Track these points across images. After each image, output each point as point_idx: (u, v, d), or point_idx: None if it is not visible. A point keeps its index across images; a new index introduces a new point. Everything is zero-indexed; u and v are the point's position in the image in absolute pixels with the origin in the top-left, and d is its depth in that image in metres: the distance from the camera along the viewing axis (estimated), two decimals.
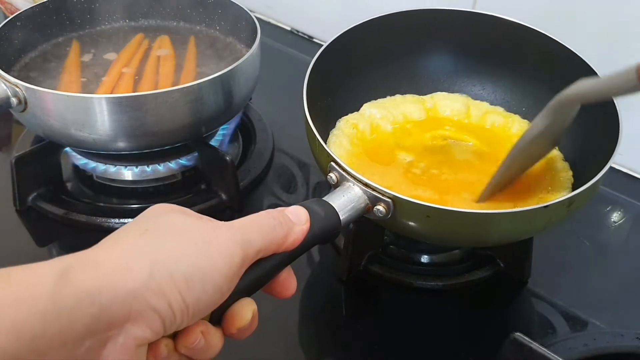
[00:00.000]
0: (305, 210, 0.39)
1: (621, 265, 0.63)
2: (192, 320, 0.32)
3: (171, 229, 0.33)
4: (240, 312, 0.35)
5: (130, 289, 0.29)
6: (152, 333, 0.30)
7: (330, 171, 0.48)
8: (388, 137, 0.63)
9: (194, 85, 0.59)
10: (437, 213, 0.45)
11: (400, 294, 0.58)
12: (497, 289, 0.59)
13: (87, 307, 0.28)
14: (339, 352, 0.53)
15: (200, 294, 0.31)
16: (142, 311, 0.29)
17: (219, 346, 0.35)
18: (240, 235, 0.34)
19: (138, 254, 0.31)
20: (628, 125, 0.73)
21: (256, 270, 0.35)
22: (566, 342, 0.52)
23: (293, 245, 0.37)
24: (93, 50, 0.76)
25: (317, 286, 0.59)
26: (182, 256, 0.31)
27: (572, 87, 0.48)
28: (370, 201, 0.46)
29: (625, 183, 0.74)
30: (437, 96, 0.68)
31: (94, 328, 0.28)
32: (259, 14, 1.05)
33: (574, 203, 0.48)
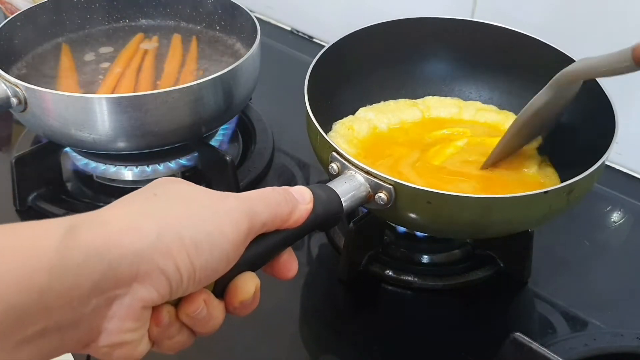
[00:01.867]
0: (309, 191, 0.39)
1: (621, 265, 0.63)
2: (197, 285, 0.32)
3: (180, 195, 0.33)
4: (244, 285, 0.35)
5: (139, 249, 0.29)
6: (159, 295, 0.30)
7: (332, 162, 0.48)
8: (384, 135, 0.64)
9: (194, 85, 0.59)
10: (438, 198, 0.45)
11: (400, 294, 0.58)
12: (497, 289, 0.59)
13: (94, 264, 0.27)
14: (339, 352, 0.53)
15: (208, 259, 0.31)
16: (149, 272, 0.29)
17: (220, 318, 0.35)
18: (248, 205, 0.34)
19: (147, 215, 0.31)
20: (628, 125, 0.73)
21: (259, 245, 0.36)
22: (566, 342, 0.52)
23: (296, 223, 0.37)
24: (93, 50, 0.76)
25: (317, 286, 0.59)
26: (191, 220, 0.31)
27: (574, 64, 0.51)
28: (372, 189, 0.46)
29: (625, 183, 0.74)
30: (429, 100, 0.69)
31: (101, 286, 0.28)
32: (259, 14, 1.05)
33: (574, 191, 0.48)
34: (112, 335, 0.30)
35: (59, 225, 0.28)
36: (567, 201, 0.48)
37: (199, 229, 0.31)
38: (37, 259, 0.26)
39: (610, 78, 0.70)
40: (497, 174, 0.58)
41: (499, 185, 0.57)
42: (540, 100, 0.54)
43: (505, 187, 0.57)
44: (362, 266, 0.59)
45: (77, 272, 0.27)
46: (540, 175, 0.59)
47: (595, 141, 0.54)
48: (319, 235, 0.64)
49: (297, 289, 0.59)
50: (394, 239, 0.61)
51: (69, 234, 0.28)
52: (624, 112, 0.73)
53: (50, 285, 0.26)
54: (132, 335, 0.30)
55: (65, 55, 0.73)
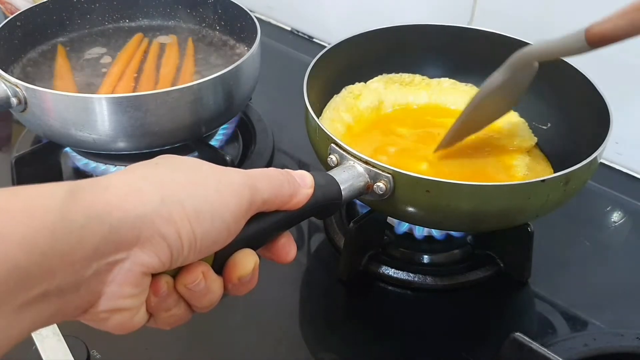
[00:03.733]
0: (311, 176, 0.39)
1: (621, 265, 0.63)
2: (198, 255, 0.32)
3: (183, 165, 0.33)
4: (243, 260, 0.35)
5: (141, 213, 0.29)
6: (159, 261, 0.30)
7: (331, 153, 0.49)
8: (387, 116, 0.65)
9: (194, 85, 0.59)
10: (436, 187, 0.46)
11: (400, 294, 0.58)
12: (497, 289, 0.59)
13: (96, 226, 0.27)
14: (338, 351, 0.53)
15: (209, 228, 0.31)
16: (151, 237, 0.29)
17: (217, 294, 0.35)
18: (251, 180, 0.34)
19: (150, 181, 0.31)
20: (628, 125, 0.73)
21: (259, 222, 0.36)
22: (566, 342, 0.52)
23: (296, 206, 0.38)
24: (93, 50, 0.76)
25: (317, 286, 0.59)
26: (194, 188, 0.31)
27: (529, 46, 0.52)
28: (371, 179, 0.46)
29: (625, 183, 0.74)
30: (444, 82, 0.69)
31: (103, 249, 0.28)
32: (259, 14, 1.05)
33: (570, 182, 0.48)
34: (111, 300, 0.30)
35: (61, 188, 0.28)
36: (564, 192, 0.49)
37: (202, 198, 0.31)
38: (40, 220, 0.26)
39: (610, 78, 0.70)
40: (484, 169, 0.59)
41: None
42: (496, 81, 0.54)
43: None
44: (362, 266, 0.59)
45: (79, 234, 0.27)
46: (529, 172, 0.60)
47: (591, 138, 0.54)
48: (319, 235, 0.64)
49: (297, 289, 0.59)
50: (394, 239, 0.61)
51: (71, 197, 0.27)
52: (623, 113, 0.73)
53: (53, 246, 0.26)
54: (130, 301, 0.30)
55: (61, 57, 0.73)
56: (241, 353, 0.52)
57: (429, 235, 0.61)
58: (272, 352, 0.53)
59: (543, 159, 0.62)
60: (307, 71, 0.57)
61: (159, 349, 0.52)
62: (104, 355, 0.50)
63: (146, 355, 0.51)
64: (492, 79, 0.55)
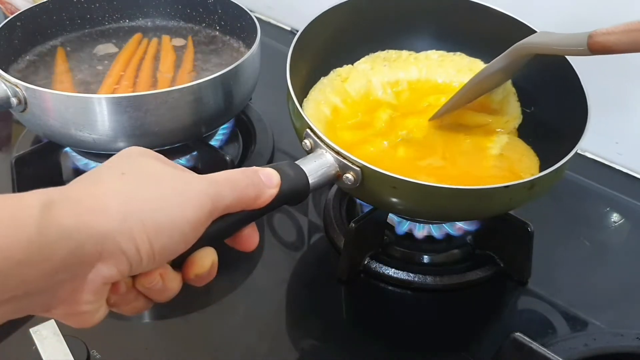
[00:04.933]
0: (278, 175, 0.40)
1: (621, 265, 0.63)
2: (156, 265, 0.33)
3: (147, 175, 0.34)
4: (201, 260, 0.36)
5: (104, 231, 0.30)
6: (119, 273, 0.32)
7: (305, 137, 0.50)
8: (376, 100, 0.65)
9: (194, 85, 0.59)
10: (402, 185, 0.47)
11: (400, 294, 0.58)
12: (497, 289, 0.59)
13: (65, 241, 0.29)
14: (339, 352, 0.53)
15: (167, 242, 0.33)
16: (112, 252, 0.31)
17: (175, 289, 0.36)
18: (213, 188, 0.35)
19: (115, 196, 0.32)
20: (628, 125, 0.73)
21: (221, 223, 0.37)
22: (566, 342, 0.52)
23: (261, 205, 0.39)
24: (93, 50, 0.76)
25: (317, 286, 0.59)
26: (155, 204, 0.33)
27: (533, 37, 0.54)
28: (341, 169, 0.47)
29: (625, 183, 0.74)
30: (432, 55, 0.69)
31: (69, 262, 0.30)
32: (259, 14, 1.05)
33: (535, 187, 0.49)
34: (72, 305, 0.32)
35: (36, 200, 0.29)
36: (528, 195, 0.50)
37: (162, 214, 0.32)
38: (18, 231, 0.28)
39: (611, 78, 0.70)
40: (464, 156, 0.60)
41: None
42: (497, 65, 0.57)
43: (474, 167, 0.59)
44: (362, 266, 0.59)
45: (52, 247, 0.29)
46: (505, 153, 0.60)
47: (570, 135, 0.54)
48: (319, 235, 0.64)
49: (297, 289, 0.59)
50: (394, 239, 0.61)
51: (45, 212, 0.29)
52: (624, 113, 0.73)
53: (29, 258, 0.28)
54: (90, 306, 0.32)
55: (60, 58, 0.73)
56: (241, 353, 0.52)
57: (429, 235, 0.61)
58: (271, 352, 0.53)
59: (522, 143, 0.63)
60: (292, 45, 0.58)
61: (159, 349, 0.52)
62: (104, 355, 0.50)
63: (146, 355, 0.51)
64: (493, 63, 0.57)
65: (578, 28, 0.48)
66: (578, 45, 0.47)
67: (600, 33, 0.45)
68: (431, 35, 0.69)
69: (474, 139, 0.62)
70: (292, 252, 0.63)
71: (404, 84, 0.67)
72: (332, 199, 0.65)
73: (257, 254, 0.62)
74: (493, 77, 0.59)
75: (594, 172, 0.75)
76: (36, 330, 0.49)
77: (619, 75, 0.70)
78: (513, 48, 0.55)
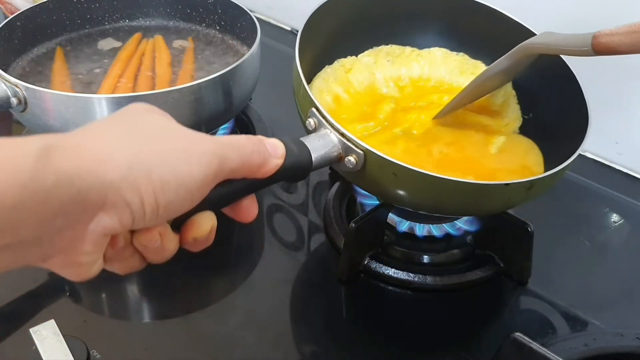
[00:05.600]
0: (283, 146, 0.40)
1: (621, 265, 0.63)
2: (158, 221, 0.33)
3: (154, 129, 0.34)
4: (200, 223, 0.36)
5: (109, 180, 0.29)
6: (121, 225, 0.31)
7: (310, 117, 0.50)
8: (378, 93, 0.65)
9: (194, 85, 0.59)
10: (403, 172, 0.47)
11: (400, 294, 0.58)
12: (497, 289, 0.59)
13: (65, 187, 0.28)
14: (339, 352, 0.53)
15: (173, 198, 0.32)
16: (115, 202, 0.30)
17: (172, 251, 0.36)
18: (220, 150, 0.34)
19: (121, 146, 0.31)
20: (628, 126, 0.73)
21: (224, 188, 0.36)
22: (566, 342, 0.52)
23: (264, 175, 0.38)
24: (92, 50, 0.76)
25: (317, 286, 0.59)
26: (163, 158, 0.32)
27: (537, 37, 0.55)
28: (343, 151, 0.47)
29: (625, 183, 0.74)
30: (435, 52, 0.69)
31: (69, 208, 0.29)
32: (259, 14, 1.05)
33: (534, 187, 0.49)
34: (70, 255, 0.31)
35: (34, 144, 0.28)
36: (526, 195, 0.50)
37: (169, 168, 0.32)
38: (12, 176, 0.27)
39: (611, 78, 0.70)
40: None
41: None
42: (500, 66, 0.57)
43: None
44: (362, 266, 0.59)
45: (48, 193, 0.28)
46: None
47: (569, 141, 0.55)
48: (319, 235, 0.64)
49: (297, 289, 0.59)
50: (394, 239, 0.61)
51: (43, 156, 0.28)
52: (624, 113, 0.73)
53: (23, 202, 0.27)
54: (88, 257, 0.32)
55: (59, 59, 0.73)
56: (241, 353, 0.52)
57: (429, 234, 0.61)
58: (271, 352, 0.53)
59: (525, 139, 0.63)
60: (303, 24, 0.57)
61: (159, 349, 0.52)
62: (104, 355, 0.50)
63: (146, 355, 0.51)
64: (497, 63, 0.57)
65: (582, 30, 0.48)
66: (582, 45, 0.47)
67: (604, 34, 0.45)
68: (435, 34, 0.69)
69: (477, 135, 0.62)
70: (292, 252, 0.63)
71: (407, 79, 0.67)
72: (332, 199, 0.65)
73: (257, 254, 0.62)
74: (496, 77, 0.59)
75: (594, 172, 0.75)
76: (36, 330, 0.49)
77: (619, 75, 0.70)
78: (517, 48, 0.55)
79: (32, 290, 0.56)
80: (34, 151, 0.28)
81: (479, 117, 0.64)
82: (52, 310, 0.54)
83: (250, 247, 0.64)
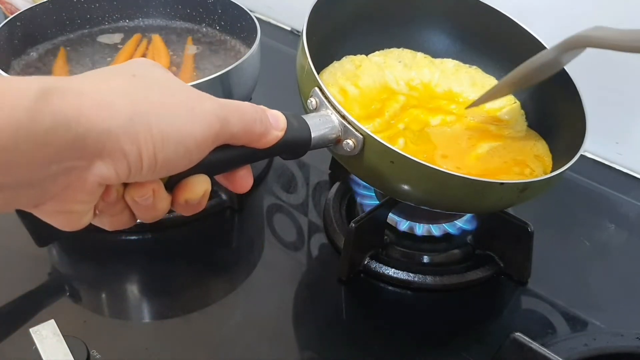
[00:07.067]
0: (285, 118, 0.40)
1: (621, 265, 0.63)
2: (155, 176, 0.32)
3: (159, 82, 0.33)
4: (194, 185, 0.35)
5: (108, 127, 0.29)
6: (116, 176, 0.30)
7: (312, 96, 0.49)
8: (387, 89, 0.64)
9: (194, 85, 0.59)
10: (401, 160, 0.46)
11: (400, 294, 0.58)
12: (497, 289, 0.59)
13: (62, 131, 0.27)
14: (339, 352, 0.53)
15: (171, 154, 0.32)
16: (113, 152, 0.29)
17: (162, 210, 0.35)
18: (223, 112, 0.34)
19: (123, 95, 0.30)
20: (628, 126, 0.73)
21: (223, 154, 0.36)
22: (566, 342, 0.52)
23: (264, 146, 0.38)
24: (93, 50, 0.76)
25: (317, 286, 0.59)
26: (165, 112, 0.31)
27: (587, 30, 0.50)
28: (342, 133, 0.47)
29: (625, 183, 0.74)
30: (447, 63, 0.68)
31: (65, 154, 0.28)
32: (259, 14, 1.05)
33: (527, 190, 0.49)
34: (63, 202, 0.30)
35: (32, 84, 0.27)
36: (518, 197, 0.49)
37: (170, 123, 0.31)
38: (7, 116, 0.26)
39: (611, 78, 0.70)
40: None
41: None
42: (545, 57, 0.55)
43: None
44: (362, 266, 0.59)
45: (44, 136, 0.27)
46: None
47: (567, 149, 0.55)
48: (319, 235, 0.64)
49: (297, 289, 0.59)
50: (394, 239, 0.61)
51: (42, 98, 0.27)
52: (624, 113, 0.73)
53: (16, 143, 0.26)
54: (81, 206, 0.31)
55: (60, 59, 0.73)
56: (241, 353, 0.52)
57: (429, 234, 0.61)
58: (271, 352, 0.53)
59: None
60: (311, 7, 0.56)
61: (159, 349, 0.52)
62: (104, 355, 0.50)
63: (146, 355, 0.51)
64: (543, 54, 0.55)
65: None
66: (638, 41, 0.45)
67: None
68: (448, 40, 0.68)
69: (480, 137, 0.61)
70: (292, 252, 0.63)
71: (418, 80, 0.66)
72: (332, 199, 0.65)
73: (257, 254, 0.62)
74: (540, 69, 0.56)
75: (594, 172, 0.75)
76: (36, 330, 0.49)
77: (619, 75, 0.70)
78: (566, 40, 0.52)
79: (32, 290, 0.56)
80: (32, 91, 0.27)
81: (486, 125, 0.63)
82: (52, 310, 0.54)
83: (250, 247, 0.64)
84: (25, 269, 0.59)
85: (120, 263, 0.60)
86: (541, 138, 0.62)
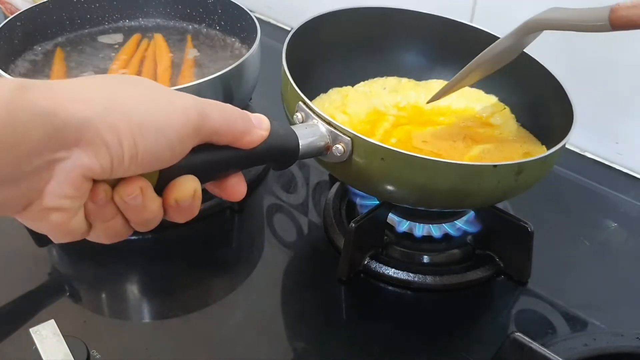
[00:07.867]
0: (268, 120, 0.40)
1: (621, 265, 0.63)
2: (139, 168, 0.32)
3: (135, 81, 0.34)
4: (183, 183, 0.36)
5: (85, 117, 0.29)
6: (100, 166, 0.30)
7: (297, 111, 0.50)
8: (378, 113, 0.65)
9: (194, 85, 0.59)
10: (391, 155, 0.47)
11: (400, 294, 0.58)
12: (497, 289, 0.59)
13: (40, 124, 0.28)
14: (339, 352, 0.53)
15: (152, 143, 0.32)
16: (93, 140, 0.30)
17: (154, 213, 0.35)
18: (203, 106, 0.35)
19: (98, 89, 0.31)
20: (628, 125, 0.73)
21: (208, 153, 0.36)
22: (566, 342, 0.52)
23: (249, 145, 0.38)
24: (93, 50, 0.76)
25: (317, 286, 0.59)
26: (141, 102, 0.32)
27: (543, 13, 0.50)
28: (331, 140, 0.48)
29: (625, 183, 0.74)
30: (433, 83, 0.69)
31: (45, 146, 0.28)
32: (259, 14, 1.05)
33: (523, 173, 0.49)
34: (50, 198, 0.30)
35: (11, 83, 0.28)
36: (516, 181, 0.49)
37: (149, 113, 0.32)
38: None
39: (610, 78, 0.70)
40: None
41: None
42: (504, 44, 0.54)
43: None
44: (362, 266, 0.59)
45: (23, 129, 0.27)
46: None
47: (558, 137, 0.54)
48: (319, 235, 0.64)
49: (296, 289, 0.59)
50: (394, 239, 0.61)
51: (18, 93, 0.28)
52: (624, 113, 0.73)
53: None
54: (69, 202, 0.31)
55: (59, 59, 0.73)
56: (241, 353, 0.52)
57: (429, 235, 0.61)
58: (271, 352, 0.53)
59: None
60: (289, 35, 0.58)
61: (159, 349, 0.52)
62: (104, 355, 0.50)
63: (146, 355, 0.51)
64: (500, 41, 0.54)
65: None
66: (597, 20, 0.43)
67: (624, 7, 0.42)
68: (429, 61, 0.70)
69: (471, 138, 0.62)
70: (292, 252, 0.63)
71: (405, 102, 0.67)
72: (332, 199, 0.65)
73: (257, 254, 0.62)
74: (499, 56, 0.56)
75: (594, 172, 0.75)
76: (36, 330, 0.49)
77: (619, 75, 0.70)
78: (522, 25, 0.51)
79: (32, 290, 0.56)
80: (9, 87, 0.28)
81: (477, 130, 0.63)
82: (52, 310, 0.54)
83: (250, 247, 0.64)
84: (25, 269, 0.59)
85: (120, 263, 0.60)
86: (532, 136, 0.62)
